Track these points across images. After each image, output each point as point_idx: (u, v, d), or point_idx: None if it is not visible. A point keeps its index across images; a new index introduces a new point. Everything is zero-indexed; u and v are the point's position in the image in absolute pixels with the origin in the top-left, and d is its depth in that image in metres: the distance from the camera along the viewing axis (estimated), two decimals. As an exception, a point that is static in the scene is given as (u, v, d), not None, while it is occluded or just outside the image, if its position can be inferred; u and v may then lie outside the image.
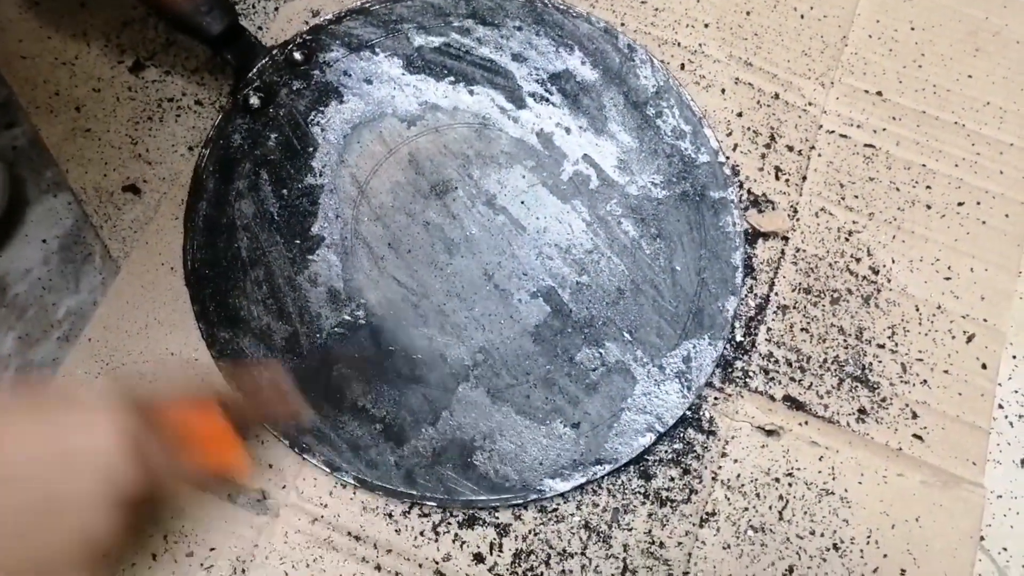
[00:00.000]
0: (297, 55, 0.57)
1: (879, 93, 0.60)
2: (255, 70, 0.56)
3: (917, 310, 0.55)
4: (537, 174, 0.57)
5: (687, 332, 0.53)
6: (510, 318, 0.54)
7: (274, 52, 0.57)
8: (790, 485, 0.52)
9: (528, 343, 0.53)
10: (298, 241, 0.55)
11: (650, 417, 0.52)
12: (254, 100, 0.56)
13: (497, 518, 0.51)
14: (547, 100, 0.58)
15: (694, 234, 0.55)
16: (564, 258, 0.55)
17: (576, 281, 0.54)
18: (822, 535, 0.51)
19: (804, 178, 0.58)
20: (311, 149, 0.56)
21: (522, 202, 0.56)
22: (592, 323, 0.54)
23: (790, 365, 0.54)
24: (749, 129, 0.59)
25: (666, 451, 0.52)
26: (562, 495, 0.51)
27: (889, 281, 0.56)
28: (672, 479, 0.52)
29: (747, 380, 0.54)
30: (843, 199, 0.58)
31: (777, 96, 0.60)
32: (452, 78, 0.58)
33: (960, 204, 0.58)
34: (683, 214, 0.56)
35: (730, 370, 0.54)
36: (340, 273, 0.54)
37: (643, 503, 0.51)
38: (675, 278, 0.54)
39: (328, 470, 0.50)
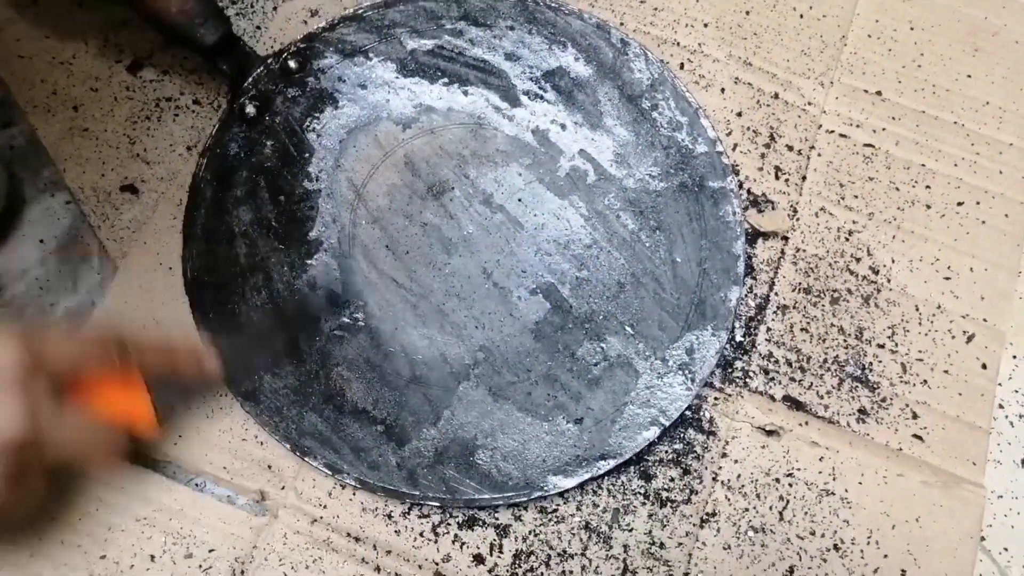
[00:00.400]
0: (292, 63, 0.57)
1: (878, 93, 0.60)
2: (250, 79, 0.56)
3: (917, 310, 0.55)
4: (534, 171, 0.56)
5: (690, 324, 0.53)
6: (510, 316, 0.54)
7: (269, 61, 0.57)
8: (790, 485, 0.52)
9: (529, 340, 0.53)
10: (296, 246, 0.55)
11: (654, 411, 0.52)
12: (250, 109, 0.56)
13: (497, 519, 0.50)
14: (541, 98, 0.58)
15: (694, 225, 0.55)
16: (563, 254, 0.55)
17: (576, 276, 0.54)
18: (822, 536, 0.51)
19: (804, 178, 0.58)
20: (307, 155, 0.56)
21: (519, 200, 0.56)
22: (593, 318, 0.54)
23: (790, 365, 0.54)
24: (749, 129, 0.59)
25: (666, 451, 0.52)
26: (562, 495, 0.51)
27: (889, 281, 0.56)
28: (672, 480, 0.52)
29: (747, 380, 0.54)
30: (843, 199, 0.58)
31: (776, 96, 0.60)
32: (446, 80, 0.58)
33: (960, 204, 0.58)
34: (682, 205, 0.56)
35: (730, 370, 0.54)
36: (338, 276, 0.54)
37: (643, 504, 0.51)
38: (676, 270, 0.54)
39: (330, 473, 0.50)
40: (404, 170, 0.56)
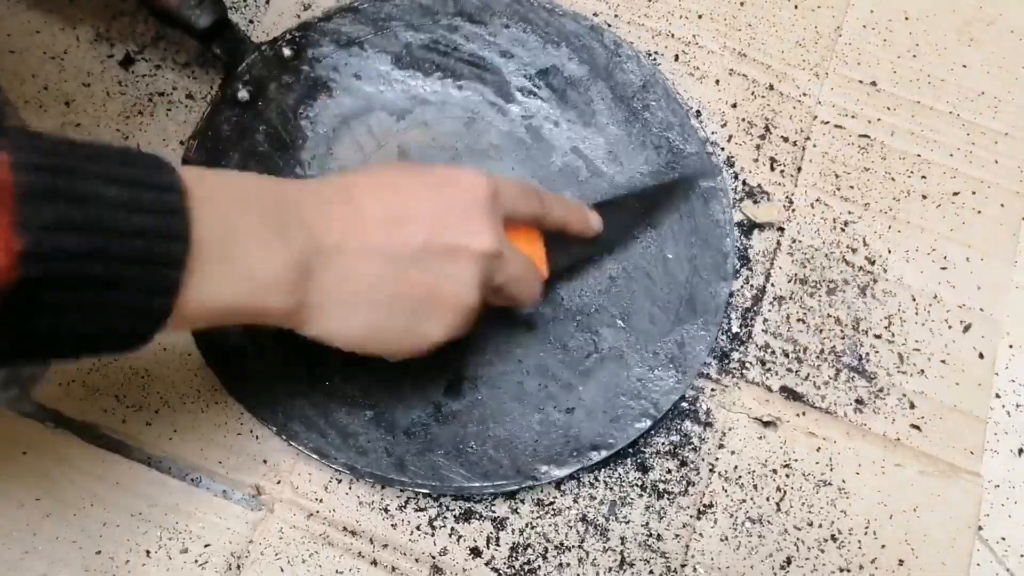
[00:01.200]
0: (286, 51, 0.57)
1: (874, 83, 0.60)
2: (244, 65, 0.56)
3: (913, 300, 0.55)
4: (527, 166, 0.56)
5: (680, 318, 0.53)
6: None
7: (263, 48, 0.57)
8: (788, 476, 0.52)
9: (520, 331, 0.53)
10: None
11: (645, 403, 0.51)
12: (243, 94, 0.56)
13: (494, 512, 0.50)
14: (535, 95, 0.58)
15: (684, 222, 0.55)
16: None
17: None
18: (820, 526, 0.51)
19: (799, 169, 0.58)
20: (300, 142, 0.56)
21: None
22: (584, 310, 0.54)
23: (787, 356, 0.54)
24: (744, 120, 0.59)
25: (663, 443, 0.52)
26: (559, 487, 0.51)
27: (885, 271, 0.56)
28: (669, 471, 0.51)
29: (744, 371, 0.53)
30: (838, 189, 0.58)
31: (772, 87, 0.60)
32: (440, 74, 0.58)
33: (955, 194, 0.58)
34: (672, 203, 0.56)
35: (727, 361, 0.54)
36: None
37: (640, 495, 0.51)
38: (666, 266, 0.54)
39: (316, 457, 0.49)
40: (398, 158, 0.56)
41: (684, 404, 0.53)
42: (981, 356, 0.54)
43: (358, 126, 0.57)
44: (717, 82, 0.60)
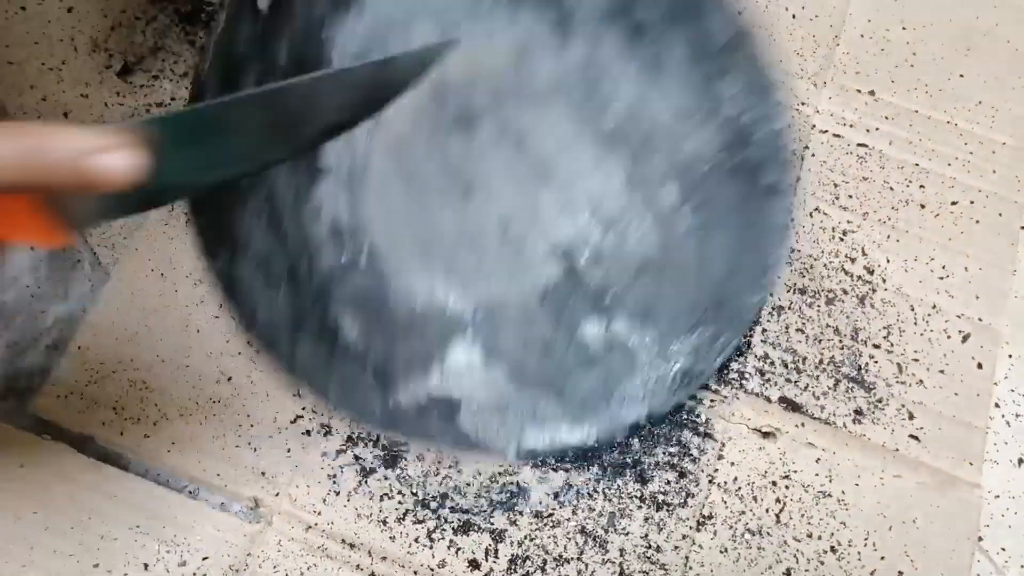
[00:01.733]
0: None
1: (872, 92, 0.60)
2: None
3: (912, 310, 0.55)
4: (578, 117, 0.49)
5: (703, 324, 0.47)
6: (519, 274, 0.49)
7: None
8: (787, 487, 0.51)
9: (534, 304, 0.48)
10: (304, 168, 0.48)
11: (642, 407, 0.48)
12: (263, 2, 0.45)
13: (492, 524, 0.50)
14: (601, 35, 0.49)
15: (737, 217, 0.48)
16: (590, 216, 0.49)
17: (598, 245, 0.49)
18: (819, 538, 0.50)
19: (798, 178, 0.58)
20: (325, 65, 0.48)
21: (555, 146, 0.49)
22: (604, 294, 0.48)
23: (786, 366, 0.54)
24: (742, 130, 0.59)
25: (662, 454, 0.52)
26: (555, 497, 0.51)
27: (884, 281, 0.56)
28: (668, 482, 0.51)
29: (743, 382, 0.53)
30: (837, 199, 0.58)
31: (770, 96, 0.60)
32: None
33: (953, 203, 0.58)
34: (730, 190, 0.48)
35: (726, 372, 0.54)
36: (346, 208, 0.48)
37: (639, 507, 0.51)
38: (703, 262, 0.48)
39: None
40: (431, 94, 0.49)
41: (683, 415, 0.52)
42: (980, 366, 0.54)
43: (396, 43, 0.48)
44: (715, 92, 0.60)
